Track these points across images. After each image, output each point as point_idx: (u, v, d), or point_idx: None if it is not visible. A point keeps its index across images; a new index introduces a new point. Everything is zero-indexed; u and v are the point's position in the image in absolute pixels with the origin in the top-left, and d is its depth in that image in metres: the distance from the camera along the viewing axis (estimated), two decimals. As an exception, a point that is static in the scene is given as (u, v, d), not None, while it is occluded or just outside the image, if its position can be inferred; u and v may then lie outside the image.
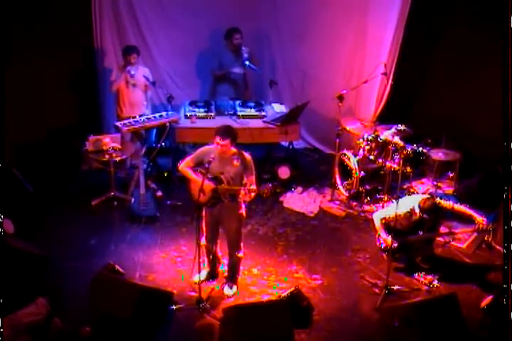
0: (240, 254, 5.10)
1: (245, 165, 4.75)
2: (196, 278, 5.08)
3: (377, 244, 5.49)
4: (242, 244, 5.10)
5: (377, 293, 5.16)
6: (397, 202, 5.07)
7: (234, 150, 4.76)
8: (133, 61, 6.66)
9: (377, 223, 5.39)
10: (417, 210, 5.22)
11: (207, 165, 4.57)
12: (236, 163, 4.74)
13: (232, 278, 5.20)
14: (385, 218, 5.36)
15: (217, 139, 4.62)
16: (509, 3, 4.66)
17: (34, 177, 6.78)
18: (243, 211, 4.95)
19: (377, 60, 6.80)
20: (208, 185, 4.64)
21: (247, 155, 4.80)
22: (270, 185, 4.64)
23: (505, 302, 4.38)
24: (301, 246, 5.91)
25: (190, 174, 4.83)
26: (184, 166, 4.86)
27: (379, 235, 5.45)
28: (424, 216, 5.20)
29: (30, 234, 5.68)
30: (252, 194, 4.64)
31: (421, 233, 5.39)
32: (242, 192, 4.63)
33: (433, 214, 5.21)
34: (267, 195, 4.64)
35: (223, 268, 5.32)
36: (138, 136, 6.59)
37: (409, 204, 5.30)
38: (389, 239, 5.24)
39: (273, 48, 7.97)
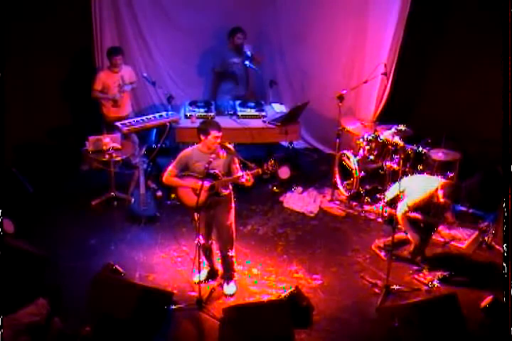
0: (231, 254, 5.09)
1: (232, 154, 4.80)
2: (196, 278, 5.08)
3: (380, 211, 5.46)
4: (233, 243, 5.09)
5: (377, 293, 5.16)
6: (399, 184, 5.07)
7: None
8: (119, 62, 6.69)
9: (402, 219, 5.27)
10: (440, 193, 5.17)
11: (207, 165, 4.58)
12: (223, 154, 4.78)
13: (228, 277, 5.20)
14: (407, 209, 5.24)
15: (215, 133, 4.66)
16: (509, 3, 4.66)
17: (34, 177, 6.78)
18: (233, 205, 4.97)
19: (377, 60, 6.80)
20: (204, 186, 4.64)
21: (229, 145, 4.85)
22: (271, 160, 4.65)
23: (505, 302, 4.40)
24: (301, 246, 5.91)
25: (179, 182, 4.82)
26: (168, 176, 4.82)
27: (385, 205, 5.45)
28: (445, 200, 5.16)
29: (30, 234, 5.68)
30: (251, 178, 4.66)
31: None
32: (247, 177, 4.63)
33: (454, 199, 5.17)
34: (271, 170, 4.65)
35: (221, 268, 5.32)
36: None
37: (426, 186, 5.28)
38: (417, 236, 5.25)
39: (273, 48, 7.97)
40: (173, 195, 4.97)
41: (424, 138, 6.53)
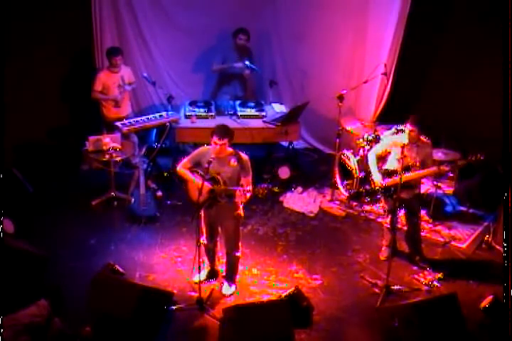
0: (238, 254, 5.11)
1: (242, 166, 4.74)
2: (196, 278, 5.08)
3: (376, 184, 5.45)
4: (240, 244, 5.11)
5: (377, 293, 5.16)
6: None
7: (230, 150, 4.75)
8: (119, 62, 6.70)
9: (371, 158, 5.37)
10: (408, 128, 5.15)
11: (207, 166, 4.56)
12: (233, 163, 4.74)
13: (230, 278, 5.21)
14: (377, 153, 5.35)
15: (215, 139, 4.61)
16: (509, 3, 4.67)
17: (34, 177, 6.78)
18: (241, 211, 4.94)
19: (377, 60, 6.80)
20: (206, 186, 4.63)
21: (244, 155, 4.80)
22: (266, 185, 4.65)
23: (505, 302, 4.39)
24: (301, 246, 5.91)
25: (187, 175, 4.84)
26: (181, 168, 4.86)
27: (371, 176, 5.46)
28: (415, 133, 5.11)
29: (30, 234, 5.67)
30: (248, 194, 4.63)
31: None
32: (238, 192, 4.63)
33: (423, 127, 5.14)
34: (262, 195, 4.65)
35: (222, 268, 5.32)
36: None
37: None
38: (379, 177, 5.25)
39: (273, 48, 7.98)
40: (183, 186, 5.01)
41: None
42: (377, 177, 5.31)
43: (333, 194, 6.82)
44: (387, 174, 5.30)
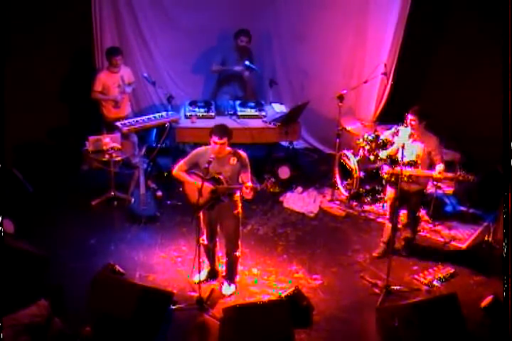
0: (238, 254, 5.11)
1: (242, 163, 4.76)
2: (196, 278, 5.08)
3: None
4: (239, 244, 5.11)
5: (377, 293, 5.16)
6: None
7: (229, 149, 4.76)
8: (119, 62, 6.70)
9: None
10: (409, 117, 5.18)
11: (207, 166, 4.56)
12: (233, 161, 4.75)
13: (230, 277, 5.21)
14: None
15: (215, 139, 4.61)
16: (509, 3, 4.66)
17: (34, 177, 6.78)
18: (239, 210, 4.95)
19: (377, 60, 6.81)
20: (207, 186, 4.63)
21: (243, 153, 4.81)
22: (271, 179, 4.65)
23: (505, 302, 4.39)
24: (301, 246, 5.91)
25: (185, 178, 4.83)
26: (178, 170, 4.85)
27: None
28: (416, 122, 5.14)
29: (30, 234, 5.67)
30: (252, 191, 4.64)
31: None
32: (244, 190, 4.62)
33: (425, 117, 5.17)
34: (273, 188, 4.65)
35: (222, 268, 5.32)
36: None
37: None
38: (387, 171, 5.30)
39: (273, 48, 7.98)
40: (180, 189, 5.01)
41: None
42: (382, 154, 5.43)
43: (333, 194, 6.82)
44: (393, 163, 5.32)
